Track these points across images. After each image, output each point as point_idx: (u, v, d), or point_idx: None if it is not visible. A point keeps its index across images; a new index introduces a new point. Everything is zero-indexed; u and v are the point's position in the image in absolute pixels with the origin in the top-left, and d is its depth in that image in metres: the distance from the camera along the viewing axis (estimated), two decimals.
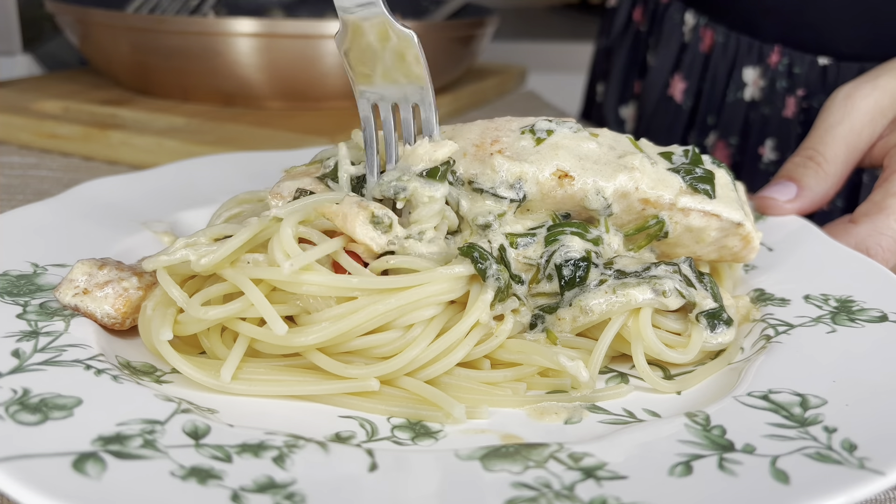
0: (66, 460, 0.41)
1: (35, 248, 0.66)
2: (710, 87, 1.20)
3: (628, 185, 0.62)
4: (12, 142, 1.14)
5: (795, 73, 1.11)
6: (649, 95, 1.29)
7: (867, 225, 0.74)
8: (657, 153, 0.67)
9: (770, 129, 1.15)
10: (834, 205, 1.11)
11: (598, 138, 0.65)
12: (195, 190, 0.82)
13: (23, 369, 0.50)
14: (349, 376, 0.54)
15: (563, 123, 0.64)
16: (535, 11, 3.38)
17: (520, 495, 0.42)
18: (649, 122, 1.30)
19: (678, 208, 0.64)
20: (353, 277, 0.55)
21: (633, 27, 1.34)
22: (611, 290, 0.59)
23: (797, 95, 1.11)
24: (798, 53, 1.10)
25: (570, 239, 0.62)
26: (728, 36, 1.16)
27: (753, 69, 1.15)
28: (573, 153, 0.63)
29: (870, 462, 0.44)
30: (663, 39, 1.26)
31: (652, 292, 0.59)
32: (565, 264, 0.61)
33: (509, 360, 0.59)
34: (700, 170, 0.65)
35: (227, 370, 0.53)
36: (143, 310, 0.58)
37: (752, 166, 1.17)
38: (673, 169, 0.65)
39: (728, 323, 0.61)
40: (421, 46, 0.60)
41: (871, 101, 0.80)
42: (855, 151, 0.81)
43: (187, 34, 1.18)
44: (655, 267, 0.61)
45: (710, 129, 1.22)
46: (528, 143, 0.63)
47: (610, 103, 1.40)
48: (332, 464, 0.45)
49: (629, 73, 1.36)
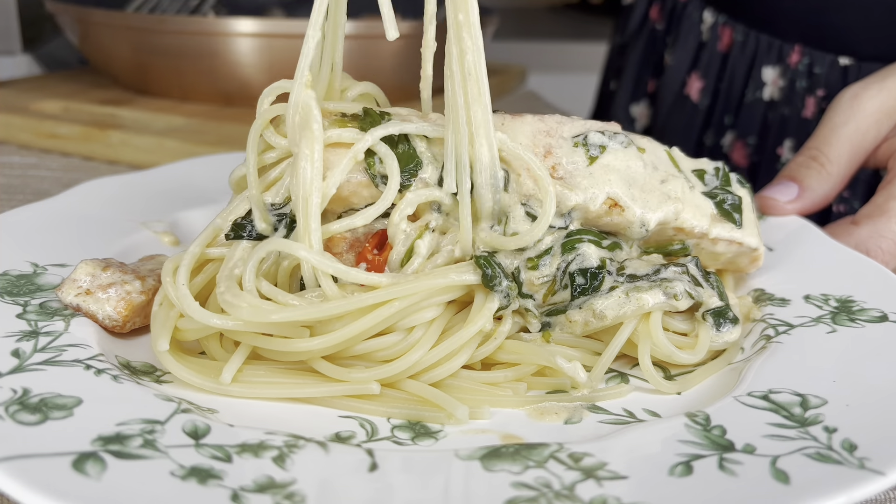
0: (65, 460, 0.41)
1: (35, 248, 0.66)
2: (728, 87, 1.19)
3: (670, 216, 0.63)
4: (12, 142, 1.14)
5: (816, 73, 1.09)
6: (665, 94, 1.28)
7: (868, 227, 0.74)
8: (691, 170, 0.67)
9: (789, 130, 1.13)
10: (850, 206, 1.10)
11: (644, 155, 0.64)
12: (195, 190, 0.82)
13: (23, 369, 0.49)
14: (350, 380, 0.54)
15: (613, 137, 0.63)
16: (535, 11, 3.38)
17: (520, 495, 0.42)
18: (665, 121, 1.29)
19: (709, 238, 0.65)
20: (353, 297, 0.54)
21: (649, 25, 1.33)
22: (623, 295, 0.59)
23: (817, 96, 1.09)
24: (819, 53, 1.09)
25: (587, 247, 0.61)
26: (747, 34, 1.15)
27: (773, 68, 1.13)
28: (623, 177, 0.62)
29: (870, 462, 0.44)
30: (681, 38, 1.24)
31: (663, 296, 0.59)
32: (580, 273, 0.60)
33: (507, 360, 0.59)
34: (731, 196, 0.66)
35: (228, 372, 0.53)
36: (154, 305, 0.57)
37: (770, 167, 1.16)
38: (707, 193, 0.65)
39: (734, 321, 0.61)
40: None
41: (878, 102, 0.80)
42: (859, 152, 0.81)
43: (187, 34, 1.18)
44: (665, 269, 0.61)
45: (728, 129, 1.21)
46: (581, 158, 0.61)
47: (621, 101, 1.39)
48: (332, 464, 0.45)
49: (643, 72, 1.35)
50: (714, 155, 1.23)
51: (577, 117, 0.65)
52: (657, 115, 1.32)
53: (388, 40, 0.53)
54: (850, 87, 0.82)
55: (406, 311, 0.55)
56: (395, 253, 0.58)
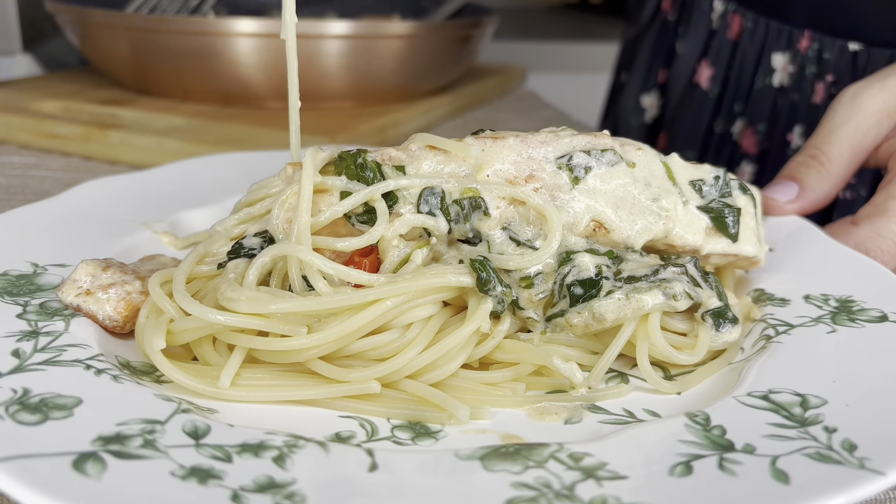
0: (66, 460, 0.41)
1: (35, 248, 0.66)
2: (738, 74, 1.19)
3: (659, 235, 0.63)
4: (12, 142, 1.14)
5: (825, 58, 1.08)
6: (676, 83, 1.28)
7: (868, 227, 0.74)
8: (689, 181, 0.66)
9: (799, 116, 1.13)
10: (857, 193, 1.10)
11: (636, 170, 0.63)
12: (195, 190, 0.82)
13: (23, 369, 0.49)
14: (350, 380, 0.54)
15: (600, 156, 0.62)
16: (535, 11, 3.38)
17: (520, 495, 0.42)
18: (675, 111, 1.29)
19: (701, 254, 0.65)
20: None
21: (661, 16, 1.34)
22: (623, 296, 0.59)
23: (826, 81, 1.09)
24: (829, 39, 1.08)
25: (582, 257, 0.61)
26: (757, 21, 1.15)
27: (782, 55, 1.13)
28: (610, 198, 0.62)
29: (870, 462, 0.44)
30: (692, 27, 1.24)
31: (663, 296, 0.59)
32: (578, 284, 0.60)
33: (505, 360, 0.59)
34: (728, 209, 0.65)
35: (227, 376, 0.53)
36: (139, 318, 0.57)
37: (780, 153, 1.15)
38: (703, 207, 0.65)
39: (734, 322, 0.61)
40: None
41: (879, 101, 0.80)
42: (860, 152, 0.80)
43: (187, 34, 1.18)
44: (664, 269, 0.61)
45: (738, 116, 1.21)
46: (565, 181, 0.61)
47: (632, 91, 1.39)
48: (332, 464, 0.45)
49: (654, 62, 1.35)
50: (724, 142, 1.23)
51: (568, 131, 0.64)
52: (667, 104, 1.32)
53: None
54: (851, 86, 0.82)
55: (401, 307, 0.56)
56: (388, 263, 0.59)
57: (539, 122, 1.43)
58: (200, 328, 0.55)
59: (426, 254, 0.60)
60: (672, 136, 1.31)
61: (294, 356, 0.54)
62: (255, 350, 0.55)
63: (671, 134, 1.31)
